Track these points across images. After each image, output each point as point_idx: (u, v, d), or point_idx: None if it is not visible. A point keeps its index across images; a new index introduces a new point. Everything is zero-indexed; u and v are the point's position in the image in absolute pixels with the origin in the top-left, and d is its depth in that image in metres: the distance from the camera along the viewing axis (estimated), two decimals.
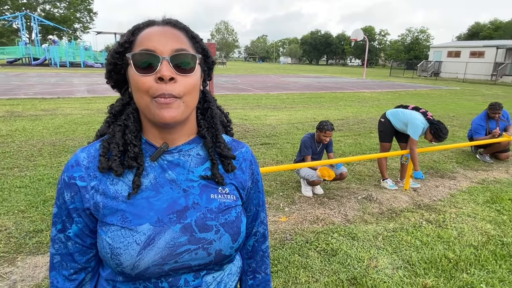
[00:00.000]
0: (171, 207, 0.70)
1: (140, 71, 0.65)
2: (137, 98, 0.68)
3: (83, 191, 0.68)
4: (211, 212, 0.73)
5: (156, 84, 0.64)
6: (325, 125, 3.77)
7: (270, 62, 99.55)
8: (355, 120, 8.79)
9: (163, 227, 0.68)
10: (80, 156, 0.71)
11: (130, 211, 0.68)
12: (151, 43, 0.66)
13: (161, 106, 0.65)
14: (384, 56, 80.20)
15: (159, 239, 0.67)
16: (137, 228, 0.67)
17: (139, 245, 0.66)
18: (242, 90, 15.48)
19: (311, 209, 3.56)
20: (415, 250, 2.82)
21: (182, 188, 0.73)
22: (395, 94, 16.03)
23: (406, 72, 38.42)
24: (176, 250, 0.69)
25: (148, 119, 0.71)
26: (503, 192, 4.11)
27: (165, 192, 0.71)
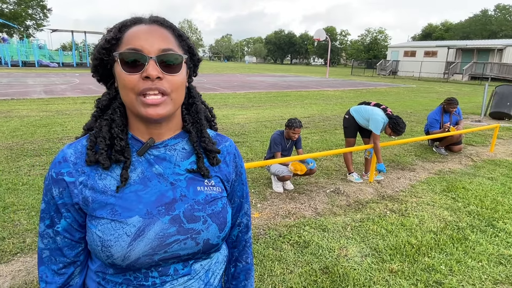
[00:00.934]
0: (159, 200, 0.72)
1: (126, 69, 0.67)
2: (123, 95, 0.70)
3: (71, 186, 0.69)
4: (198, 203, 0.75)
5: (142, 81, 0.67)
6: (294, 123, 3.88)
7: (235, 61, 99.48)
8: (321, 117, 9.05)
9: (153, 219, 0.70)
10: (67, 152, 0.71)
11: (120, 204, 0.70)
12: (138, 42, 0.68)
13: (147, 105, 0.68)
14: (345, 56, 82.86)
15: (149, 230, 0.69)
16: (127, 221, 0.68)
17: (130, 237, 0.68)
18: (208, 90, 15.38)
19: (282, 204, 3.65)
20: (381, 238, 2.99)
21: (170, 181, 0.75)
22: (357, 92, 16.65)
23: (366, 71, 39.98)
24: (165, 241, 0.71)
25: (134, 115, 0.73)
26: (457, 181, 4.44)
27: (153, 186, 0.73)
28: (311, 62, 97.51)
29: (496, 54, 29.88)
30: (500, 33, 46.64)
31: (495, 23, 48.52)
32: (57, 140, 5.73)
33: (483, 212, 3.53)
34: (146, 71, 0.66)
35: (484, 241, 2.96)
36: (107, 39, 0.70)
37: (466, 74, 29.88)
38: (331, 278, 2.41)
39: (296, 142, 4.11)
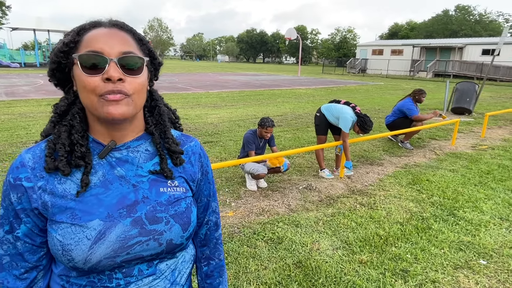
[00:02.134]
0: (120, 202, 0.73)
1: (87, 71, 0.67)
2: (83, 97, 0.70)
3: (30, 191, 0.69)
4: (160, 204, 0.76)
5: (103, 84, 0.67)
6: (266, 122, 3.94)
7: (208, 60, 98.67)
8: (293, 115, 9.19)
9: (113, 222, 0.71)
10: (25, 157, 0.71)
11: (80, 208, 0.70)
12: (98, 45, 0.68)
13: (109, 103, 0.67)
14: (316, 54, 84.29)
15: (110, 233, 0.70)
16: (87, 224, 0.69)
17: (90, 240, 0.68)
18: (180, 89, 15.19)
19: (256, 202, 3.70)
20: (351, 231, 3.11)
21: (132, 183, 0.75)
22: (328, 90, 17.02)
23: (336, 69, 40.89)
24: (127, 243, 0.71)
25: (96, 117, 0.73)
26: (422, 174, 4.67)
27: (114, 188, 0.73)
28: (283, 61, 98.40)
29: (457, 52, 31.46)
30: (460, 32, 49.09)
31: (456, 22, 51.01)
32: (21, 145, 5.49)
33: (445, 203, 3.75)
34: (107, 73, 0.67)
35: (446, 230, 3.15)
36: (65, 42, 0.70)
37: (430, 71, 31.26)
38: (304, 272, 2.49)
39: (269, 140, 4.17)
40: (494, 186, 4.25)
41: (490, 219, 3.37)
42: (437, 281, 2.42)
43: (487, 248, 2.85)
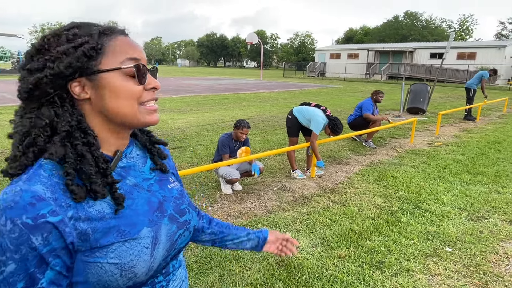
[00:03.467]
0: (151, 207, 0.74)
1: (131, 78, 0.68)
2: (121, 107, 0.67)
3: (61, 226, 0.60)
4: (177, 199, 0.82)
5: (146, 92, 0.70)
6: (242, 123, 3.98)
7: (167, 65, 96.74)
8: (260, 118, 9.30)
9: (157, 224, 0.73)
10: (37, 189, 0.60)
11: (123, 223, 0.67)
12: (136, 53, 0.69)
13: (154, 111, 0.72)
14: (276, 58, 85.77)
15: (160, 235, 0.72)
16: (139, 235, 0.68)
17: (149, 248, 0.69)
18: None
19: (233, 205, 3.72)
20: (328, 228, 3.22)
21: (146, 189, 0.76)
22: (291, 94, 17.40)
23: (297, 72, 41.93)
24: (173, 239, 0.76)
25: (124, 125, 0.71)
26: (387, 171, 4.94)
27: (137, 197, 0.73)
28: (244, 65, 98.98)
29: (408, 56, 33.51)
30: (410, 37, 52.39)
31: (405, 28, 54.34)
32: None
33: (410, 196, 4.00)
34: (153, 83, 0.71)
35: (414, 222, 3.36)
36: (93, 46, 0.64)
37: (384, 74, 33.00)
38: (287, 270, 2.55)
39: (244, 142, 4.21)
40: (451, 179, 4.60)
41: (451, 210, 3.64)
42: (410, 270, 2.58)
43: (451, 236, 3.09)
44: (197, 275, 2.47)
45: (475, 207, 3.72)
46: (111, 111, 0.68)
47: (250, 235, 1.09)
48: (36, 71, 0.63)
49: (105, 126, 0.70)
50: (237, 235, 1.07)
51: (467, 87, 9.92)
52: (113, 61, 0.67)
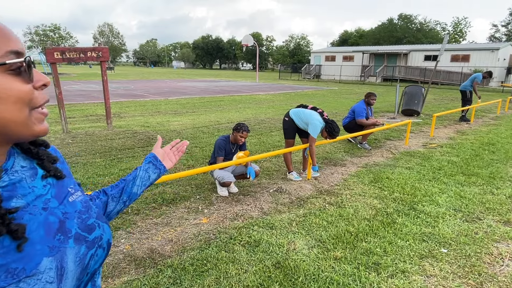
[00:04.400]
0: (49, 230, 0.61)
1: (16, 76, 0.55)
2: (9, 113, 0.54)
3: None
4: (81, 213, 0.69)
5: (37, 92, 0.58)
6: (242, 127, 3.99)
7: (163, 67, 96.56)
8: (256, 120, 9.30)
9: (60, 251, 0.60)
10: None
11: (12, 260, 0.53)
12: (17, 45, 0.56)
13: (42, 119, 0.59)
14: (272, 61, 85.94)
15: (66, 263, 0.60)
16: (38, 269, 0.55)
17: (54, 283, 0.57)
18: (138, 96, 14.74)
19: (229, 208, 3.71)
20: (324, 229, 3.23)
21: (40, 207, 0.62)
22: (287, 96, 17.43)
23: (292, 75, 42.00)
24: (84, 263, 0.65)
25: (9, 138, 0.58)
26: (382, 173, 4.97)
27: (29, 221, 0.58)
28: (240, 67, 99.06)
29: (403, 58, 33.73)
30: (404, 39, 52.75)
31: (400, 30, 54.71)
32: None
33: (405, 198, 4.02)
34: (43, 79, 0.58)
35: (409, 223, 3.38)
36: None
37: (379, 76, 33.18)
38: (284, 272, 2.54)
39: (241, 146, 4.21)
40: (446, 181, 4.63)
41: (446, 211, 3.67)
42: (406, 271, 2.59)
43: (446, 237, 3.11)
44: (193, 278, 2.46)
45: (469, 208, 3.75)
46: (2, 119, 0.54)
47: (143, 167, 1.05)
48: None
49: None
50: (133, 176, 1.02)
51: (462, 89, 10.01)
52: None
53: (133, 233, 3.14)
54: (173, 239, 3.04)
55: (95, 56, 6.84)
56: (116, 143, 6.27)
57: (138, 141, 6.48)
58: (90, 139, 6.49)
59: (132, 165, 4.99)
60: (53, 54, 6.24)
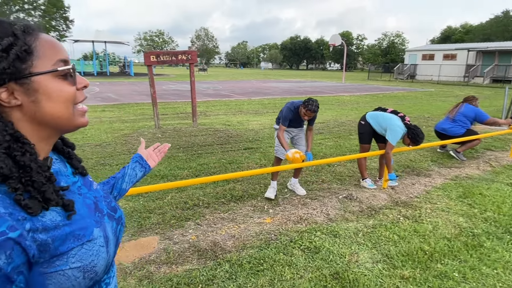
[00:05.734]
0: (89, 209, 0.74)
1: (65, 81, 0.66)
2: (59, 110, 0.66)
3: (21, 240, 0.57)
4: (105, 197, 0.84)
5: (78, 91, 0.69)
6: (310, 105, 3.69)
7: (251, 68, 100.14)
8: (336, 123, 9.02)
9: (102, 223, 0.75)
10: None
11: (76, 228, 0.67)
12: (64, 54, 0.67)
13: (83, 113, 0.71)
14: (362, 60, 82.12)
15: (108, 233, 0.75)
16: (93, 236, 0.69)
17: (104, 246, 0.71)
18: (224, 96, 15.57)
19: (294, 210, 3.68)
20: (393, 244, 2.97)
21: (77, 193, 0.75)
22: (374, 97, 16.48)
23: (383, 75, 39.49)
24: (116, 235, 0.80)
25: (57, 131, 0.70)
26: (474, 187, 4.35)
27: (76, 202, 0.71)
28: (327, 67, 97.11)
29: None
30: None
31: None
32: (77, 147, 5.93)
33: (500, 219, 3.45)
34: (84, 82, 0.70)
35: (501, 248, 2.90)
36: (25, 49, 0.61)
37: (488, 77, 29.08)
38: (341, 284, 2.42)
39: (310, 120, 3.99)
40: None
41: None
42: None
43: None
44: (248, 276, 2.51)
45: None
46: (47, 116, 0.65)
47: (130, 166, 1.18)
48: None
49: (35, 133, 0.66)
50: (122, 173, 1.15)
51: None
52: (45, 63, 0.64)
53: (201, 225, 3.33)
54: (236, 235, 3.14)
55: (185, 59, 7.44)
56: (198, 140, 6.73)
57: (217, 139, 6.85)
58: (177, 135, 7.10)
59: (209, 161, 5.31)
60: (149, 58, 6.99)
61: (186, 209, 3.67)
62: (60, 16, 49.84)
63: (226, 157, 5.61)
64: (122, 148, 5.99)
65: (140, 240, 3.03)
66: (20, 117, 0.63)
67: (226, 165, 5.17)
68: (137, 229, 3.21)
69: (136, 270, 2.58)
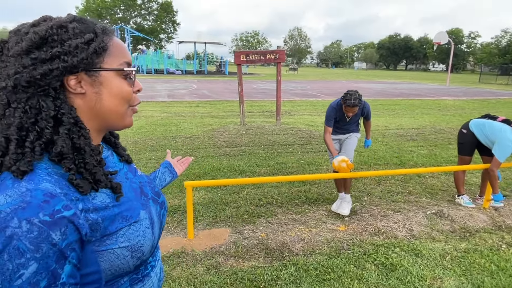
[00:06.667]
0: (136, 193, 0.80)
1: (125, 81, 0.72)
2: (116, 106, 0.72)
3: (75, 219, 0.61)
4: (149, 183, 0.89)
5: (134, 94, 0.76)
6: (347, 99, 3.25)
7: (344, 68, 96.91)
8: (433, 129, 8.14)
9: (148, 206, 0.79)
10: (46, 187, 0.61)
11: (123, 209, 0.72)
12: (129, 57, 0.74)
13: (132, 114, 0.77)
14: (473, 61, 72.49)
15: (153, 215, 0.79)
16: (139, 217, 0.74)
17: (149, 228, 0.76)
18: (310, 96, 15.39)
19: (373, 221, 3.42)
20: (489, 275, 2.54)
21: (124, 177, 0.80)
22: (483, 103, 14.41)
23: (499, 78, 34.20)
24: (160, 218, 0.84)
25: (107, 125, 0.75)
26: None
27: (123, 186, 0.77)
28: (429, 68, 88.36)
29: None
30: None
31: None
32: (171, 138, 6.54)
33: None
34: (139, 86, 0.77)
35: None
36: (102, 46, 0.68)
37: None
38: None
39: (366, 115, 3.64)
40: None
41: None
42: None
43: None
44: (313, 283, 2.41)
45: None
46: (105, 109, 0.71)
47: (160, 170, 1.27)
48: (45, 61, 0.62)
49: (90, 122, 0.71)
50: (153, 176, 1.24)
51: None
52: (114, 61, 0.70)
53: (272, 223, 3.33)
54: (306, 238, 3.05)
55: (273, 58, 7.54)
56: (280, 138, 6.76)
57: (299, 139, 6.79)
58: (260, 132, 7.25)
59: (287, 160, 5.29)
60: (239, 57, 7.27)
61: (259, 206, 3.71)
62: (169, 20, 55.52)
63: (305, 157, 5.52)
64: (208, 142, 6.37)
65: (213, 230, 3.17)
66: (80, 104, 0.69)
67: (305, 166, 5.09)
68: (212, 220, 3.37)
69: (206, 258, 2.71)
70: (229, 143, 6.31)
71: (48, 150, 0.65)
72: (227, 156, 5.52)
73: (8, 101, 0.63)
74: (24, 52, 0.62)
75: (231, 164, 5.06)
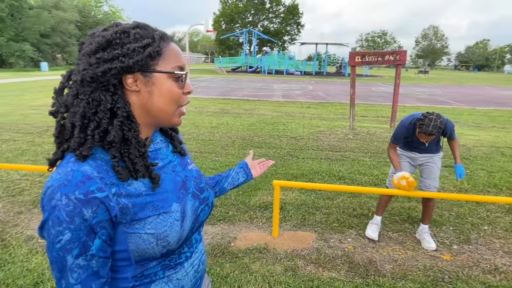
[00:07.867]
0: (176, 185, 0.84)
1: (177, 83, 0.79)
2: (164, 104, 0.78)
3: (106, 201, 0.69)
4: (196, 178, 0.92)
5: (183, 95, 0.82)
6: (425, 124, 2.62)
7: (489, 72, 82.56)
8: None
9: (183, 200, 0.84)
10: (86, 170, 0.70)
11: (156, 199, 0.78)
12: (182, 61, 0.80)
13: (181, 115, 0.83)
14: None
15: (187, 209, 0.83)
16: (170, 209, 0.79)
17: (179, 221, 0.80)
18: (439, 103, 13.65)
19: (490, 255, 2.85)
20: None
21: (171, 170, 0.86)
22: None
23: None
24: (197, 213, 0.88)
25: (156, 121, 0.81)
26: None
27: (165, 177, 0.83)
28: None
29: None
30: None
31: None
32: (276, 137, 6.72)
33: None
34: (189, 88, 0.82)
35: None
36: (157, 50, 0.75)
37: None
38: None
39: (448, 134, 2.89)
40: None
41: None
42: None
43: None
44: None
45: None
46: (155, 107, 0.78)
47: (235, 170, 1.28)
48: (106, 61, 0.72)
49: (141, 117, 0.78)
50: (226, 174, 1.25)
51: None
52: (167, 64, 0.77)
53: (363, 237, 3.11)
54: (398, 260, 2.74)
55: (392, 59, 6.97)
56: None
57: None
58: (369, 138, 6.81)
59: None
60: (354, 58, 6.96)
61: (352, 216, 3.50)
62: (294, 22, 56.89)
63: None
64: (312, 144, 6.31)
65: (299, 232, 3.14)
66: (135, 101, 0.77)
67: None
68: (300, 222, 3.34)
69: (286, 259, 2.70)
70: (333, 147, 6.12)
71: (103, 138, 0.74)
72: (329, 160, 5.37)
73: (77, 92, 0.73)
74: (92, 52, 0.72)
75: (331, 168, 4.90)
